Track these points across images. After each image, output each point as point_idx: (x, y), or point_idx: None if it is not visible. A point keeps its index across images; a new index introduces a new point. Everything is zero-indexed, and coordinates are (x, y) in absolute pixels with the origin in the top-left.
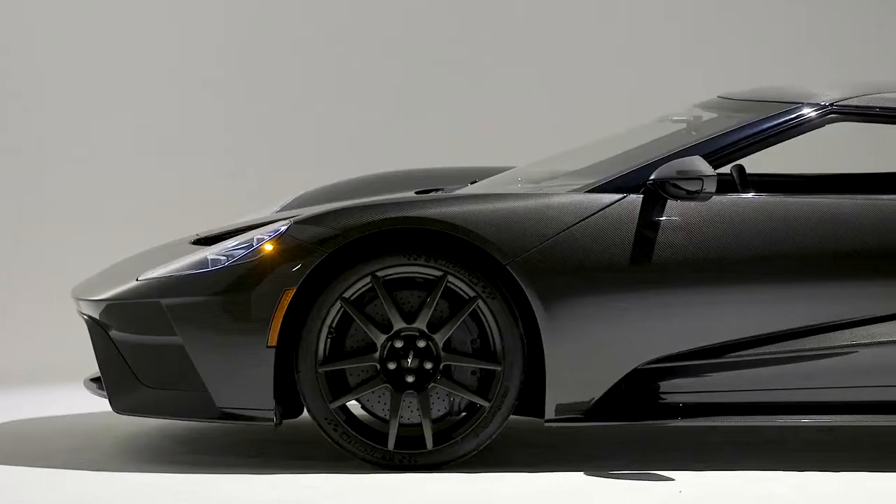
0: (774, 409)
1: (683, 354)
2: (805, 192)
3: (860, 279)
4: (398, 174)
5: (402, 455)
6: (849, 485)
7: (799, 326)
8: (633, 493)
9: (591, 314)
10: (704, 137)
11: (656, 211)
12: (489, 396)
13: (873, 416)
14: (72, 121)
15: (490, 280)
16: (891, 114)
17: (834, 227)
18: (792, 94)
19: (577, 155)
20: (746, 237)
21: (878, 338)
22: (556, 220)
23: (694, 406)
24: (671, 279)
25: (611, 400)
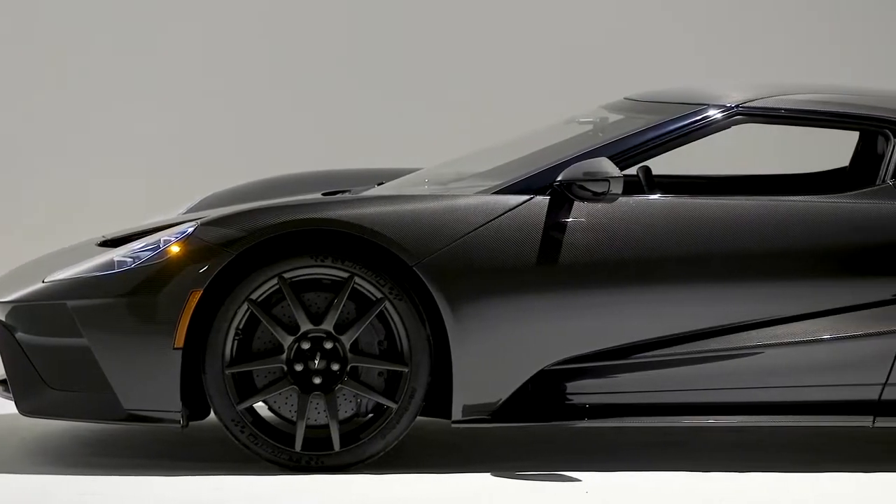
0: (681, 410)
1: (590, 355)
2: (711, 194)
3: (765, 280)
4: (305, 176)
5: (309, 456)
6: (755, 485)
7: (704, 327)
8: (540, 494)
9: (498, 315)
10: (611, 139)
11: (563, 212)
12: (396, 398)
13: (779, 416)
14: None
15: (397, 281)
16: (795, 115)
17: (739, 228)
18: (698, 95)
19: (484, 156)
20: (652, 238)
21: (782, 338)
22: (463, 221)
23: (600, 407)
24: (578, 280)
25: (518, 401)
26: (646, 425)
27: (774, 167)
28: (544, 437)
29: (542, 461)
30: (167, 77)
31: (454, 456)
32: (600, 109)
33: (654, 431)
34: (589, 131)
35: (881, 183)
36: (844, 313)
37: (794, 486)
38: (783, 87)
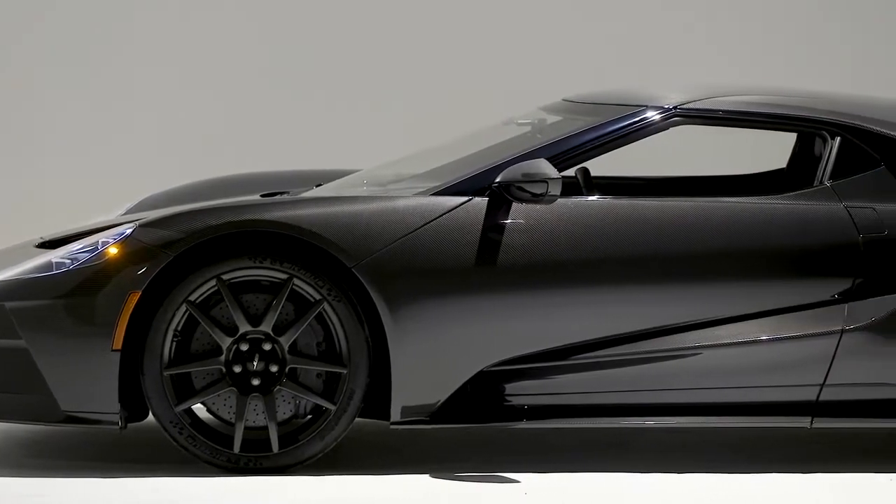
0: (620, 411)
1: (529, 356)
2: (649, 195)
3: (703, 281)
4: (243, 177)
5: (247, 458)
6: (694, 485)
7: (644, 328)
8: (479, 496)
9: (437, 316)
10: (549, 140)
11: (501, 213)
12: (335, 399)
13: (718, 417)
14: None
15: (336, 283)
16: (734, 116)
17: (677, 229)
18: (636, 97)
19: (422, 158)
20: (591, 240)
21: (722, 340)
22: (402, 222)
23: (539, 408)
24: (516, 281)
25: (457, 402)
26: (585, 426)
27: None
28: (483, 438)
29: (480, 462)
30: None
31: (393, 457)
32: (539, 111)
33: (593, 432)
34: (527, 133)
35: (819, 184)
36: (783, 314)
37: (732, 487)
38: (721, 89)
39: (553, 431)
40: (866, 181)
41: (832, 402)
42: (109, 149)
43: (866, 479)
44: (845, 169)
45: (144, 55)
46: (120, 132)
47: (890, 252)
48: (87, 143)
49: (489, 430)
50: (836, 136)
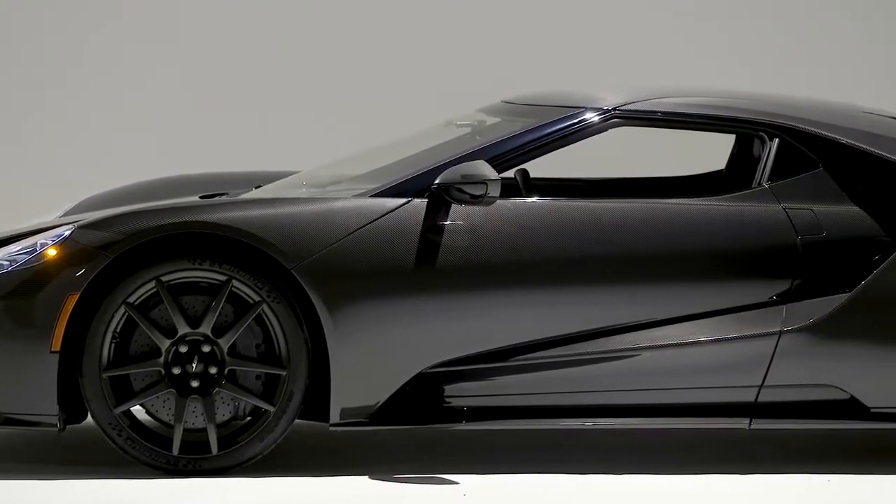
0: (559, 413)
1: (468, 358)
2: (589, 197)
3: (642, 283)
4: (183, 179)
5: (186, 460)
6: (633, 486)
7: (582, 330)
8: (419, 497)
9: (376, 318)
10: (488, 142)
11: (441, 215)
12: (274, 401)
13: (657, 418)
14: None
15: (275, 284)
16: (672, 118)
17: (616, 231)
18: (575, 98)
19: (361, 159)
20: (530, 241)
21: (660, 341)
22: (341, 224)
23: (479, 409)
24: (455, 283)
25: (396, 404)
26: (524, 428)
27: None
28: (423, 439)
29: (420, 464)
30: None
31: (332, 459)
32: (478, 112)
33: (532, 434)
34: (466, 134)
35: (757, 186)
36: (721, 316)
37: (670, 487)
38: (660, 91)
39: (493, 433)
40: (804, 183)
41: (771, 403)
42: (48, 149)
43: (804, 479)
44: (783, 170)
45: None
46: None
47: (828, 253)
48: (25, 144)
49: (429, 431)
50: (774, 138)
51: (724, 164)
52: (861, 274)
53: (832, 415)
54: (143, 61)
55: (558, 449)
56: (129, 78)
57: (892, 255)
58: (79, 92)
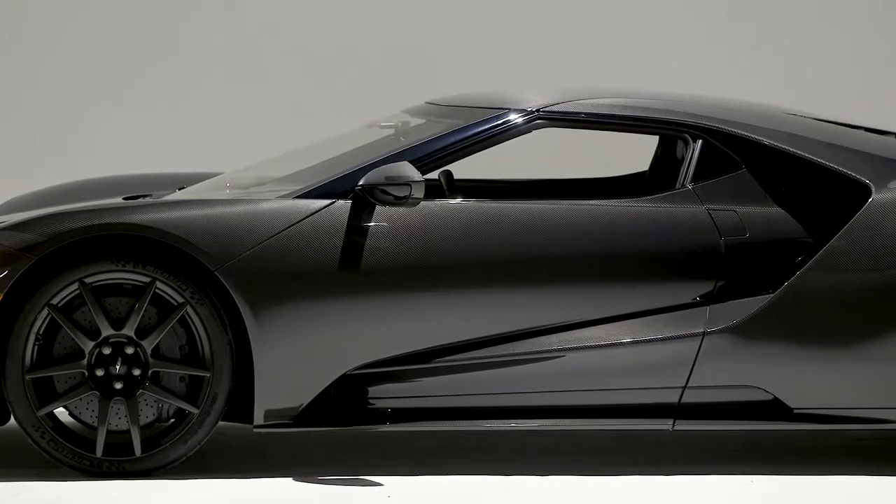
0: (483, 414)
1: (392, 359)
2: (513, 198)
3: (566, 284)
4: (106, 180)
5: (110, 462)
6: (557, 487)
7: (507, 331)
8: (343, 498)
9: (300, 320)
10: (412, 143)
11: (364, 216)
12: (198, 402)
13: (581, 419)
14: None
15: (199, 286)
16: (595, 119)
17: (540, 232)
18: (499, 99)
19: (285, 161)
20: (454, 242)
21: (584, 342)
22: (265, 225)
23: (403, 411)
24: (379, 285)
25: (320, 405)
26: (448, 429)
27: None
28: (347, 441)
29: (344, 466)
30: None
31: (256, 461)
32: (402, 114)
33: (456, 435)
34: (390, 135)
35: (680, 187)
36: (645, 317)
37: (595, 488)
38: (585, 92)
39: (417, 434)
40: (728, 184)
41: (694, 404)
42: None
43: (728, 480)
44: (707, 171)
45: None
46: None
47: (751, 254)
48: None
49: (353, 433)
50: (697, 139)
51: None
52: (784, 275)
53: (755, 415)
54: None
55: (483, 450)
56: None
57: (814, 256)
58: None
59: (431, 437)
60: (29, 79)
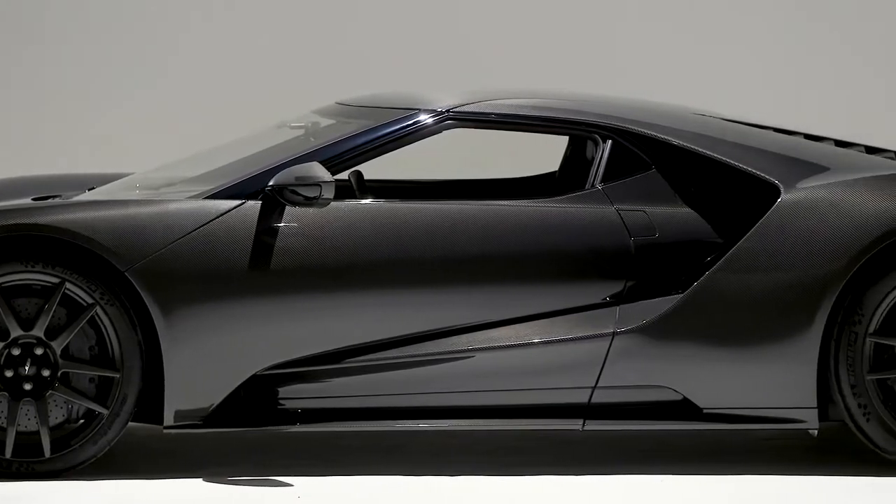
0: (394, 414)
1: (302, 360)
2: (423, 198)
3: (477, 284)
4: (15, 181)
5: (19, 463)
6: (468, 487)
7: (417, 331)
8: (253, 499)
9: (210, 320)
10: (322, 144)
11: (275, 217)
12: (108, 403)
13: (492, 419)
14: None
15: (109, 287)
16: (506, 120)
17: (451, 232)
18: (409, 100)
19: (195, 161)
20: (364, 243)
21: (495, 342)
22: (175, 226)
23: (314, 411)
24: (289, 285)
25: (231, 406)
26: (359, 429)
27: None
28: (257, 442)
29: (255, 466)
30: None
31: (167, 461)
32: (312, 114)
33: (367, 435)
34: (300, 136)
35: (590, 187)
36: (556, 317)
37: (505, 488)
38: (496, 93)
39: (328, 434)
40: (637, 184)
41: (604, 404)
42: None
43: (638, 480)
44: (616, 172)
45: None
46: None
47: (661, 255)
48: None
49: (263, 433)
50: (607, 140)
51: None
52: (693, 275)
53: (665, 415)
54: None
55: (393, 450)
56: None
57: (724, 257)
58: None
59: (342, 438)
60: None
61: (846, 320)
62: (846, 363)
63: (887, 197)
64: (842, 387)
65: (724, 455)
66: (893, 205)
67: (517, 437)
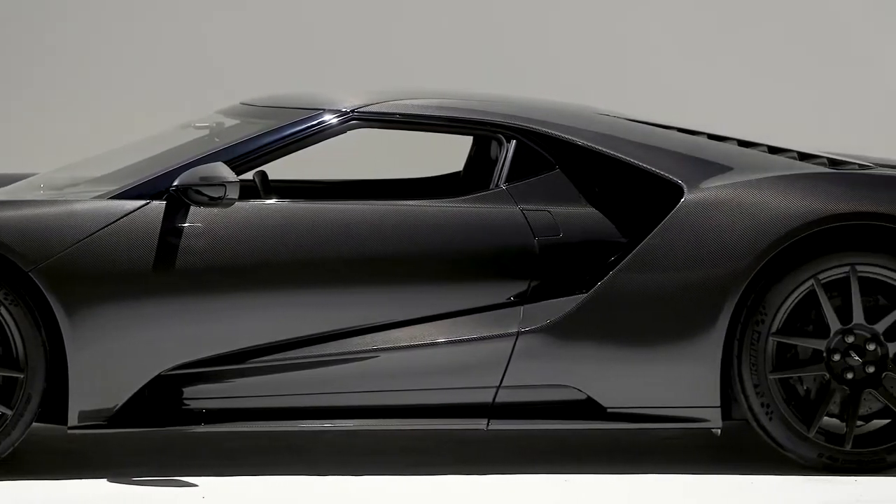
0: (298, 414)
1: (206, 360)
2: (328, 199)
3: (381, 284)
4: None
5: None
6: (371, 487)
7: (322, 332)
8: (157, 500)
9: (114, 321)
10: (227, 144)
11: (179, 217)
12: (12, 404)
13: (396, 419)
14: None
15: (13, 287)
16: (410, 120)
17: (355, 232)
18: (313, 100)
19: (99, 162)
20: (268, 243)
21: (399, 342)
22: (79, 226)
23: (218, 412)
24: (193, 285)
25: (135, 406)
26: (264, 429)
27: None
28: (162, 442)
29: (159, 467)
30: None
31: (71, 462)
32: (216, 114)
33: (271, 436)
34: (205, 136)
35: (494, 187)
36: (460, 317)
37: (409, 487)
38: (401, 93)
39: (232, 435)
40: (541, 184)
41: (508, 403)
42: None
43: (542, 479)
44: (521, 172)
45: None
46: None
47: (565, 254)
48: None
49: (168, 433)
50: (511, 140)
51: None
52: (597, 275)
53: (570, 415)
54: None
55: (298, 450)
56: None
57: (627, 256)
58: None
59: (247, 438)
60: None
61: (749, 320)
62: (749, 362)
63: (790, 197)
64: (745, 386)
65: (628, 454)
66: (796, 204)
67: (422, 437)
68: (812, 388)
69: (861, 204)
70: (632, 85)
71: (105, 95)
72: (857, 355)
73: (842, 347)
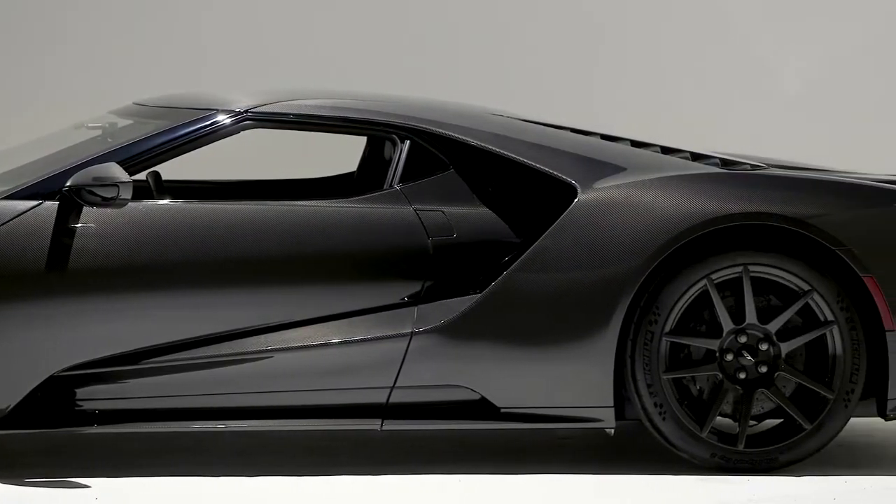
0: (191, 415)
1: (100, 361)
2: (221, 199)
3: (274, 285)
4: None
5: None
6: (266, 488)
7: (214, 332)
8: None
9: (6, 321)
10: (120, 144)
11: (72, 218)
12: None
13: (290, 420)
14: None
15: None
16: (304, 120)
17: (248, 233)
18: (206, 100)
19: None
20: (162, 244)
21: (293, 343)
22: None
23: (110, 413)
24: (86, 286)
25: (28, 407)
26: (156, 430)
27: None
28: (54, 443)
29: (51, 468)
30: None
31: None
32: (109, 115)
33: (165, 436)
34: (98, 136)
35: (388, 188)
36: (354, 317)
37: (304, 487)
38: (294, 93)
39: (125, 436)
40: (435, 184)
41: (403, 403)
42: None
43: (435, 479)
44: (414, 172)
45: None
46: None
47: (458, 255)
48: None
49: (60, 435)
50: (405, 140)
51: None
52: (491, 275)
53: (464, 415)
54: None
55: (192, 451)
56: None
57: (521, 256)
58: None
59: (140, 439)
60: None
61: (642, 320)
62: (642, 362)
63: (683, 197)
64: (638, 386)
65: (523, 454)
66: (689, 204)
67: (319, 438)
68: (705, 388)
69: (753, 204)
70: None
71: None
72: (750, 355)
73: (734, 347)
